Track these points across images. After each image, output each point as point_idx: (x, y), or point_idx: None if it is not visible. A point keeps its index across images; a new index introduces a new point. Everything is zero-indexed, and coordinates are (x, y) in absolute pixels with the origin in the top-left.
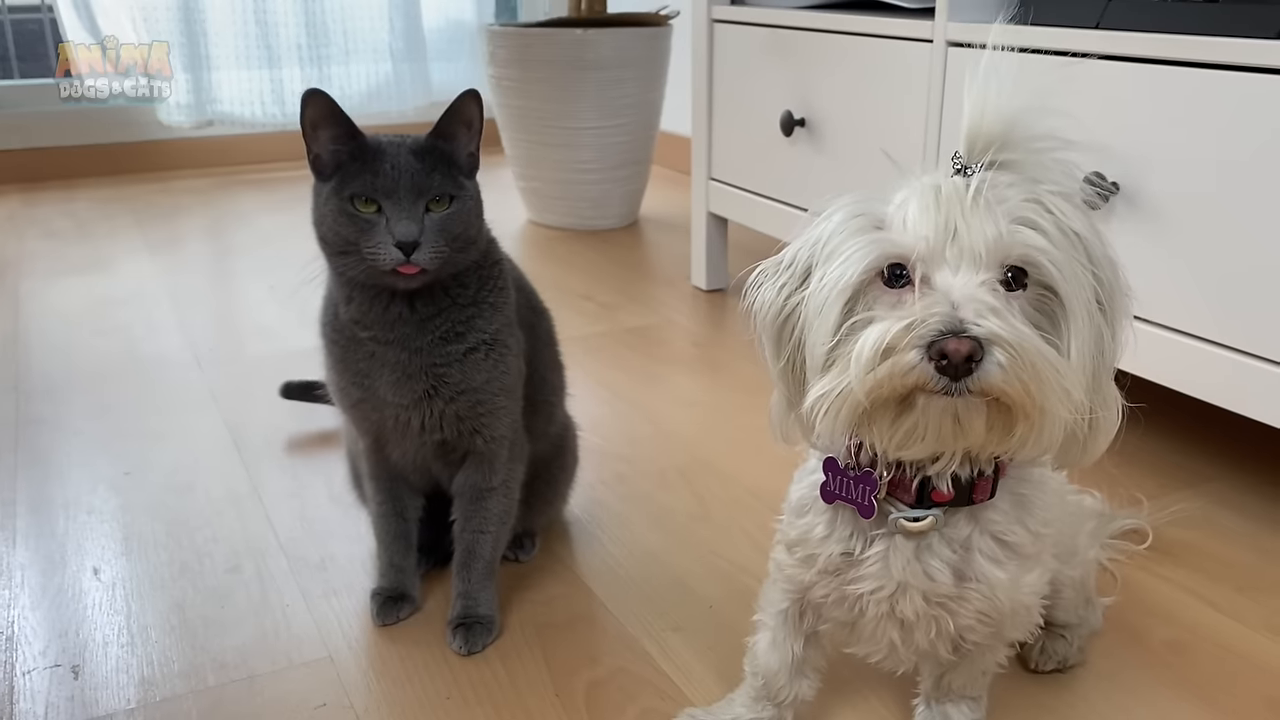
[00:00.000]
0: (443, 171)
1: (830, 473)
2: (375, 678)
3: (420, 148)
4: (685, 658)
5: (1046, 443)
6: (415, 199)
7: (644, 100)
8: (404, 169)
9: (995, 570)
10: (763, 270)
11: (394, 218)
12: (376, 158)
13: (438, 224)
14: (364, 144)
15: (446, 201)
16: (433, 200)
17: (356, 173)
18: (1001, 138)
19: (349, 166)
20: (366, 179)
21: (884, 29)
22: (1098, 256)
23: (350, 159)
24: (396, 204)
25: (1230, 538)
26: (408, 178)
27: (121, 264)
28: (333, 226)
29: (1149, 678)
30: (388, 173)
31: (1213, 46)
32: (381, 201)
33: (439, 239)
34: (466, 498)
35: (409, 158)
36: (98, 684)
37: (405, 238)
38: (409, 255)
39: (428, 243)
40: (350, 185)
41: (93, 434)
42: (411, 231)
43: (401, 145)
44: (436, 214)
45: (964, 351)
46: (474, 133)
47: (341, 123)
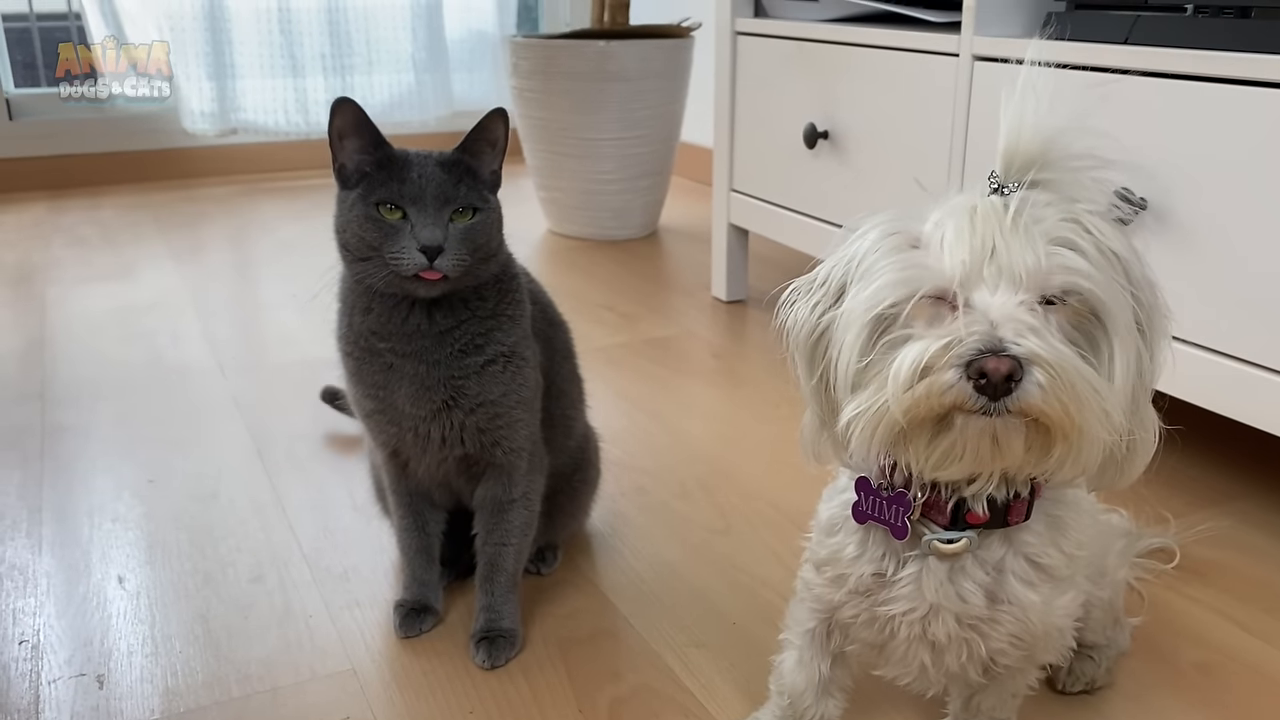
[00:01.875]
0: (468, 184)
1: (863, 492)
2: (398, 690)
3: (446, 160)
4: (709, 674)
5: (1085, 464)
6: (441, 206)
7: (665, 111)
8: (430, 178)
9: (1028, 593)
10: (795, 288)
11: (419, 223)
12: (404, 167)
13: (461, 233)
14: (391, 153)
15: (470, 213)
16: (457, 210)
17: (383, 180)
18: (1040, 157)
19: (375, 175)
20: (393, 186)
21: (909, 43)
22: (1137, 278)
23: (377, 168)
24: (422, 210)
25: (1259, 557)
26: (434, 186)
27: (146, 271)
28: (357, 232)
29: (1177, 700)
30: (414, 180)
31: (1243, 62)
32: (407, 208)
33: (462, 247)
34: (488, 511)
35: (435, 168)
36: (122, 694)
37: (430, 242)
38: (432, 261)
39: (451, 249)
40: (377, 192)
41: (117, 441)
42: (436, 236)
43: (428, 157)
44: (460, 223)
45: (1004, 370)
46: (498, 151)
47: (369, 132)
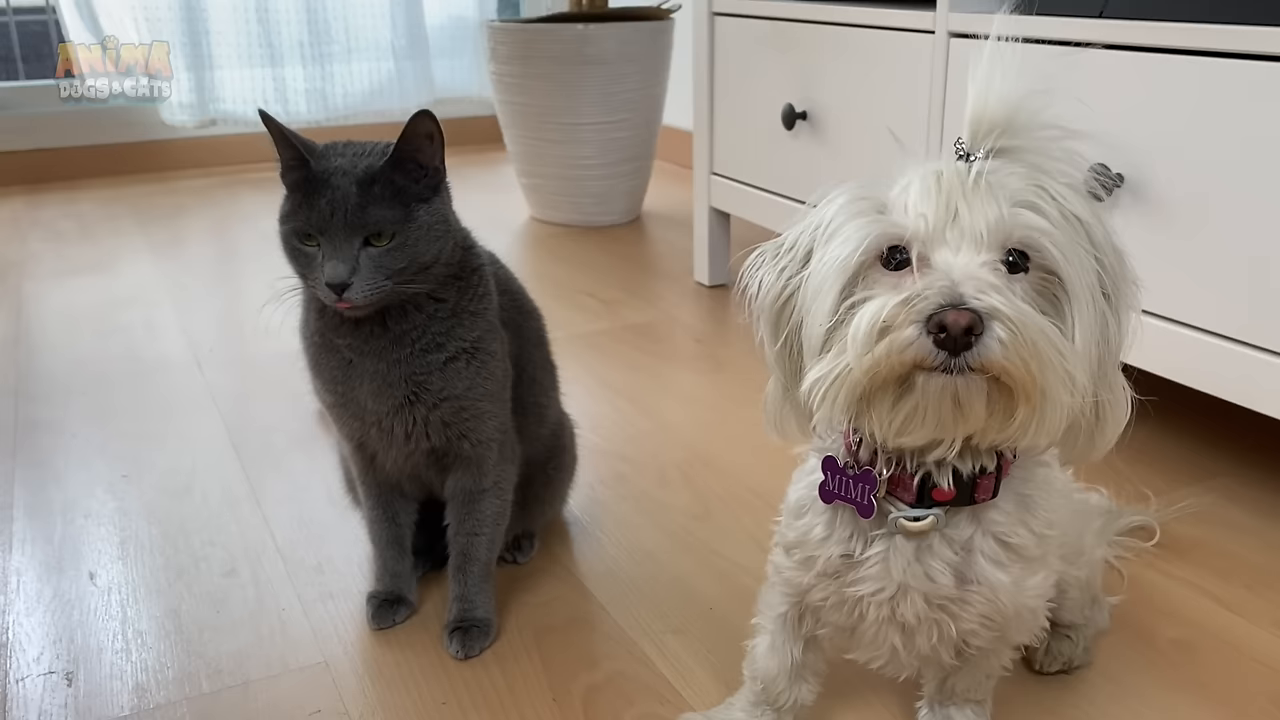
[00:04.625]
0: (386, 203)
1: (829, 472)
2: (371, 683)
3: (366, 178)
4: (685, 661)
5: (1049, 429)
6: (349, 236)
7: (646, 95)
8: (340, 204)
9: (997, 573)
10: (761, 253)
11: (327, 255)
12: (318, 190)
13: (374, 260)
14: (310, 172)
15: (389, 236)
16: (374, 235)
17: (297, 205)
18: (1004, 124)
19: (294, 195)
20: (304, 214)
21: (885, 20)
22: (1100, 242)
23: (295, 187)
24: (330, 241)
25: (1240, 533)
26: (342, 215)
27: (124, 265)
28: (285, 254)
29: (1156, 679)
30: (323, 209)
31: (1219, 34)
32: (318, 237)
33: (375, 275)
34: (459, 501)
35: (352, 189)
36: (91, 691)
37: (333, 279)
38: (340, 295)
39: (362, 280)
40: (291, 219)
41: (91, 436)
42: (340, 273)
43: (350, 174)
44: (376, 249)
45: (963, 323)
46: (436, 145)
47: (288, 146)
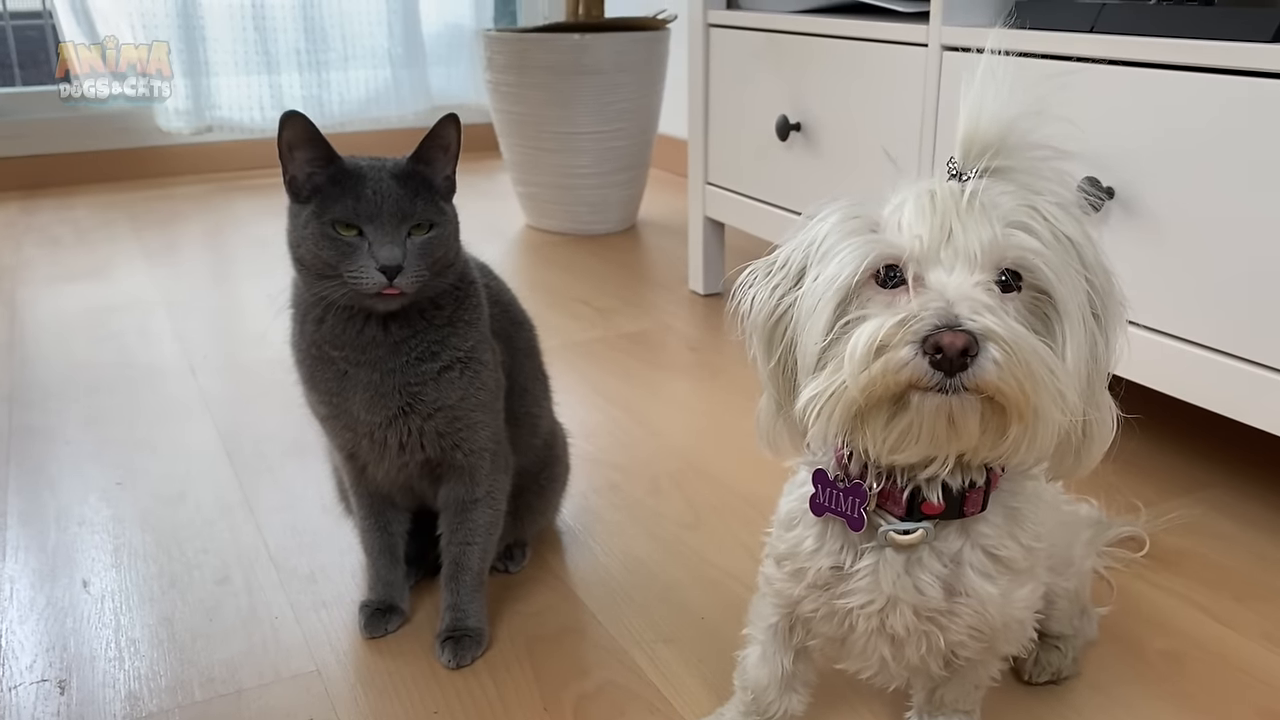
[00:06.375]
0: (424, 197)
1: (820, 484)
2: (363, 691)
3: (401, 173)
4: (676, 670)
5: (1040, 447)
6: (398, 224)
7: (642, 105)
8: (386, 194)
9: (986, 585)
10: (754, 270)
11: (377, 242)
12: (358, 182)
13: (419, 248)
14: (343, 167)
15: (428, 226)
16: (415, 225)
17: (337, 197)
18: (997, 144)
19: (329, 190)
20: (348, 203)
21: (878, 33)
22: (1091, 263)
23: (329, 183)
24: (379, 228)
25: (1229, 545)
26: (391, 202)
27: (119, 271)
28: (313, 250)
29: (1145, 690)
30: (370, 197)
31: (1207, 50)
32: (364, 226)
33: (420, 263)
34: (452, 510)
35: (390, 182)
36: (84, 699)
37: (389, 262)
38: (392, 279)
39: (410, 266)
40: (331, 210)
41: (85, 444)
42: (395, 256)
43: (382, 169)
44: (418, 238)
45: (959, 345)
46: (450, 156)
47: (319, 145)
